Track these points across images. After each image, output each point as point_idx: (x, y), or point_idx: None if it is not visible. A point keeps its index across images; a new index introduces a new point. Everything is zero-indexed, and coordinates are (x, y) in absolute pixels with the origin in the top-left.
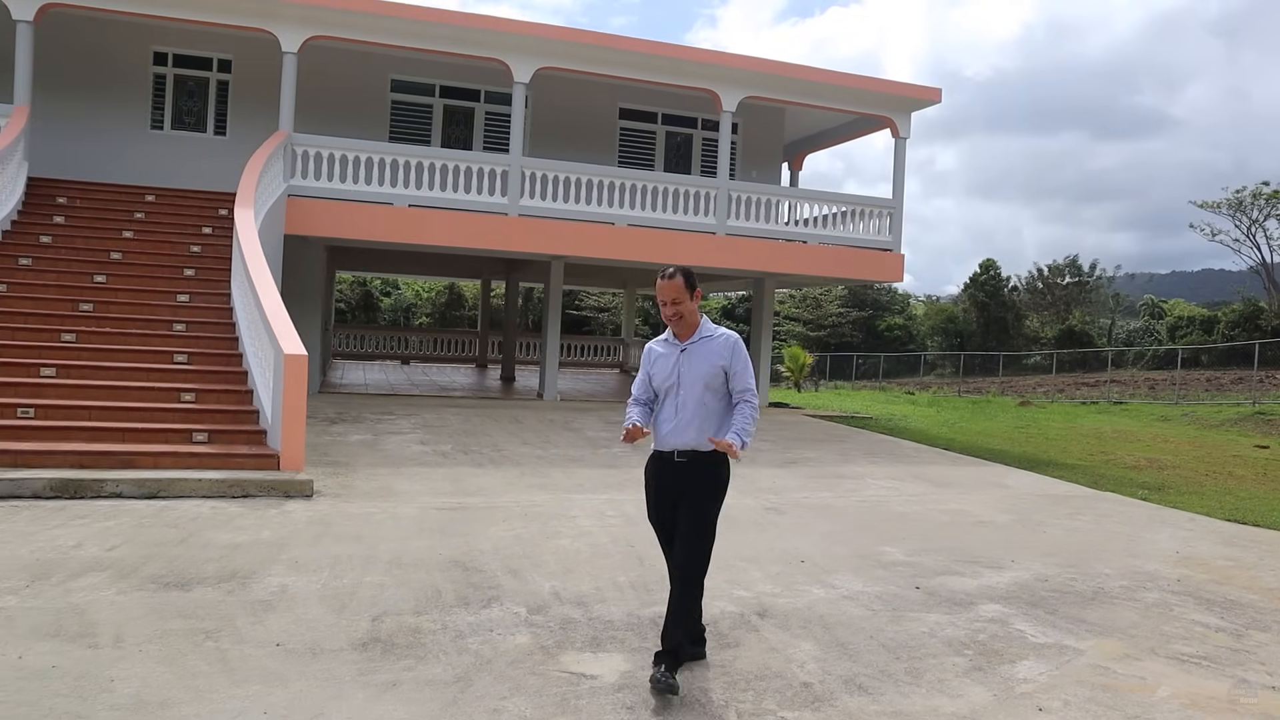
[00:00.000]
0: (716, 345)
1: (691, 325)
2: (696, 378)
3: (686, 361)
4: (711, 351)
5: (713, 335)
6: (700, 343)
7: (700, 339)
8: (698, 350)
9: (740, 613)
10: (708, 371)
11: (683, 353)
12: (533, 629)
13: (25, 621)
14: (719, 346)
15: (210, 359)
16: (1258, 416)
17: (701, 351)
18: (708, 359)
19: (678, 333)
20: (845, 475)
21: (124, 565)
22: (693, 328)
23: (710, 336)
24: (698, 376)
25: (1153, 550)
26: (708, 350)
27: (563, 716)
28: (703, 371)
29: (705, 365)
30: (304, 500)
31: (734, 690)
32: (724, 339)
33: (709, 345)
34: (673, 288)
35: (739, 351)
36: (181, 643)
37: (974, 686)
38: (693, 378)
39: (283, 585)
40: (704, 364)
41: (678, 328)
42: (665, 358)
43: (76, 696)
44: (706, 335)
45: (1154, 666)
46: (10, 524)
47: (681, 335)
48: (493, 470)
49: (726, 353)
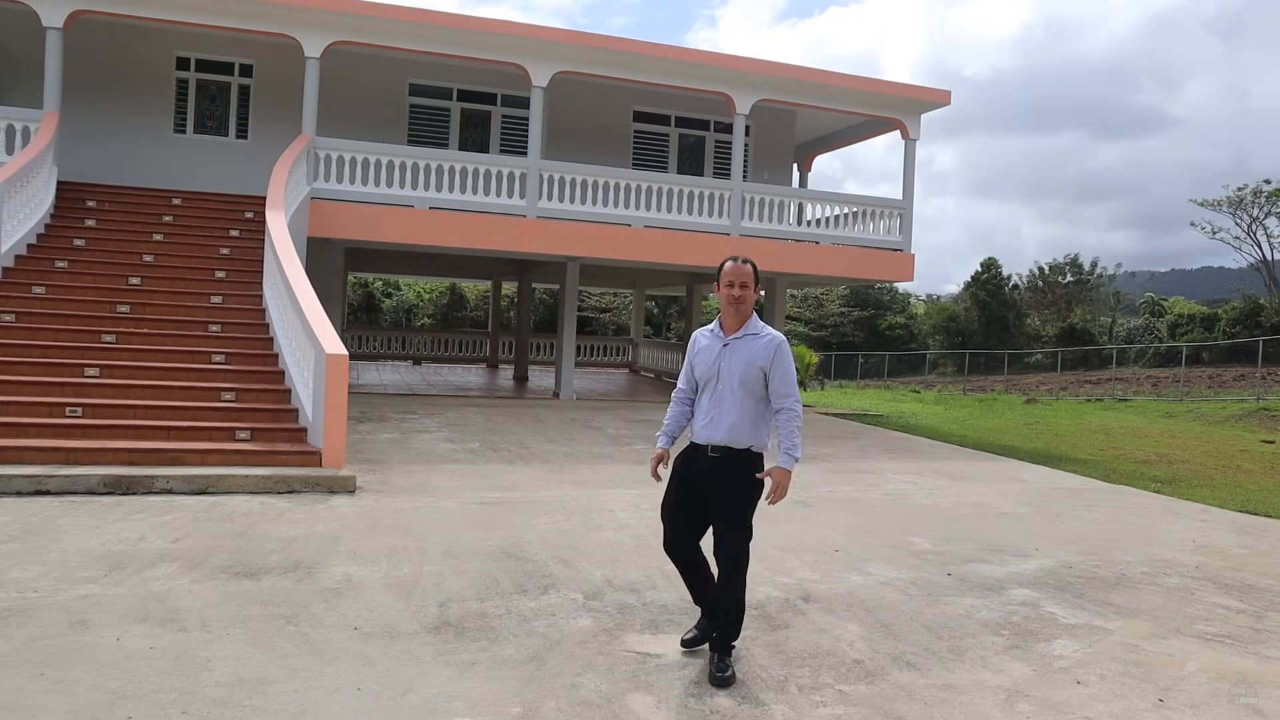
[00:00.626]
0: (760, 345)
1: (744, 317)
2: (735, 374)
3: (728, 356)
4: (753, 350)
5: (758, 334)
6: (745, 339)
7: (745, 335)
8: (740, 346)
9: (786, 598)
10: (747, 370)
11: (725, 347)
12: (592, 613)
13: (113, 607)
14: (762, 346)
15: (247, 359)
16: (1262, 412)
17: (744, 349)
18: (749, 357)
19: (728, 322)
20: (865, 470)
21: (191, 557)
22: (743, 320)
23: (755, 335)
24: (736, 373)
25: (1169, 539)
26: (750, 348)
27: (636, 691)
28: (741, 369)
29: (745, 363)
30: (348, 496)
31: (791, 666)
32: (768, 339)
33: (753, 344)
34: (742, 272)
35: (782, 354)
36: (264, 627)
37: (1014, 662)
38: (731, 374)
39: (347, 575)
40: (744, 362)
41: (731, 315)
42: (708, 350)
43: (180, 674)
44: (752, 333)
45: (1180, 645)
46: (73, 518)
47: (729, 328)
48: (523, 467)
49: (768, 354)
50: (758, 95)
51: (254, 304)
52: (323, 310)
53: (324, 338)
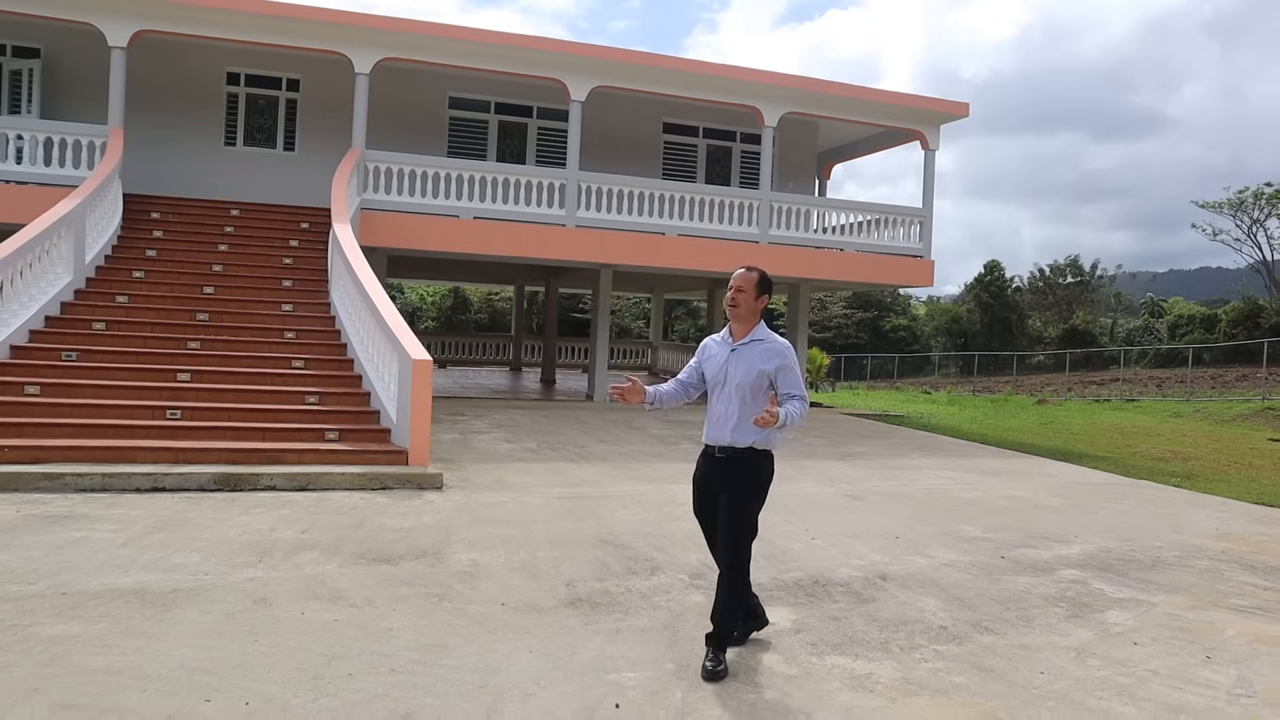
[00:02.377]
0: (764, 350)
1: (747, 324)
2: (740, 379)
3: (734, 362)
4: (758, 355)
5: (763, 340)
6: (750, 345)
7: (751, 341)
8: (746, 352)
9: (865, 576)
10: (751, 374)
11: (732, 352)
12: (701, 590)
13: (283, 588)
14: (765, 351)
15: (324, 364)
16: (1268, 411)
17: (749, 354)
18: (753, 362)
19: (734, 328)
20: (902, 467)
21: (325, 545)
22: (748, 326)
23: (761, 341)
24: (742, 377)
25: (1194, 528)
26: (755, 354)
27: (764, 652)
28: (746, 373)
29: (750, 368)
30: (437, 492)
31: (887, 631)
32: (772, 345)
33: (757, 349)
34: (741, 277)
35: (786, 359)
36: (422, 603)
37: (1076, 628)
38: (737, 378)
39: (473, 560)
40: (749, 367)
41: (733, 319)
42: (716, 357)
43: (372, 641)
44: (758, 339)
45: (1218, 615)
46: (200, 512)
47: (736, 334)
48: (585, 465)
49: (773, 359)
50: (785, 108)
51: (323, 311)
52: (401, 318)
53: (408, 344)
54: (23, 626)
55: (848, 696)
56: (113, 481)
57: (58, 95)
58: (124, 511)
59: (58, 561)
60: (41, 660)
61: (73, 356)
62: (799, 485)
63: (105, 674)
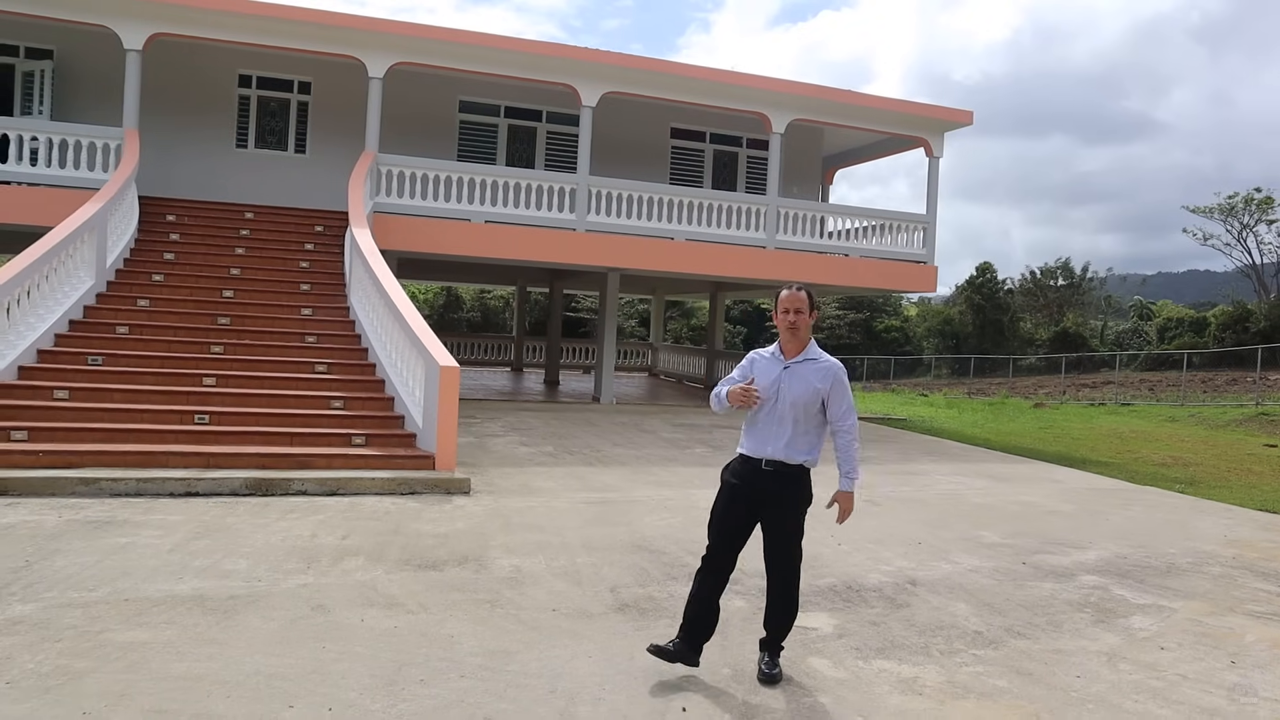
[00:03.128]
0: (818, 370)
1: (802, 342)
2: (795, 396)
3: (789, 379)
4: (813, 375)
5: (817, 359)
6: (805, 364)
7: (805, 359)
8: (800, 370)
9: (895, 582)
10: (806, 393)
11: (785, 369)
12: (741, 596)
13: (337, 594)
14: (821, 371)
15: (346, 368)
16: (1262, 417)
17: (804, 373)
18: (809, 381)
19: (787, 346)
20: (913, 472)
21: (368, 551)
22: (803, 345)
23: (815, 360)
24: (797, 396)
25: (1204, 534)
26: (810, 372)
27: (812, 656)
28: (801, 392)
29: (805, 387)
30: (465, 497)
31: (926, 636)
32: (827, 366)
33: (812, 368)
34: (797, 299)
35: (840, 381)
36: (475, 609)
37: (1104, 633)
38: (792, 396)
39: (515, 566)
40: (804, 386)
41: (789, 340)
42: (767, 373)
43: (436, 647)
44: (811, 358)
45: (1236, 620)
46: (238, 518)
47: (789, 352)
48: (603, 469)
49: (828, 380)
50: (793, 115)
51: (342, 315)
52: (426, 325)
53: (435, 351)
54: (95, 633)
55: (899, 699)
56: (147, 486)
57: (69, 97)
58: (163, 517)
59: (112, 568)
60: (121, 667)
61: (99, 361)
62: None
63: (186, 680)
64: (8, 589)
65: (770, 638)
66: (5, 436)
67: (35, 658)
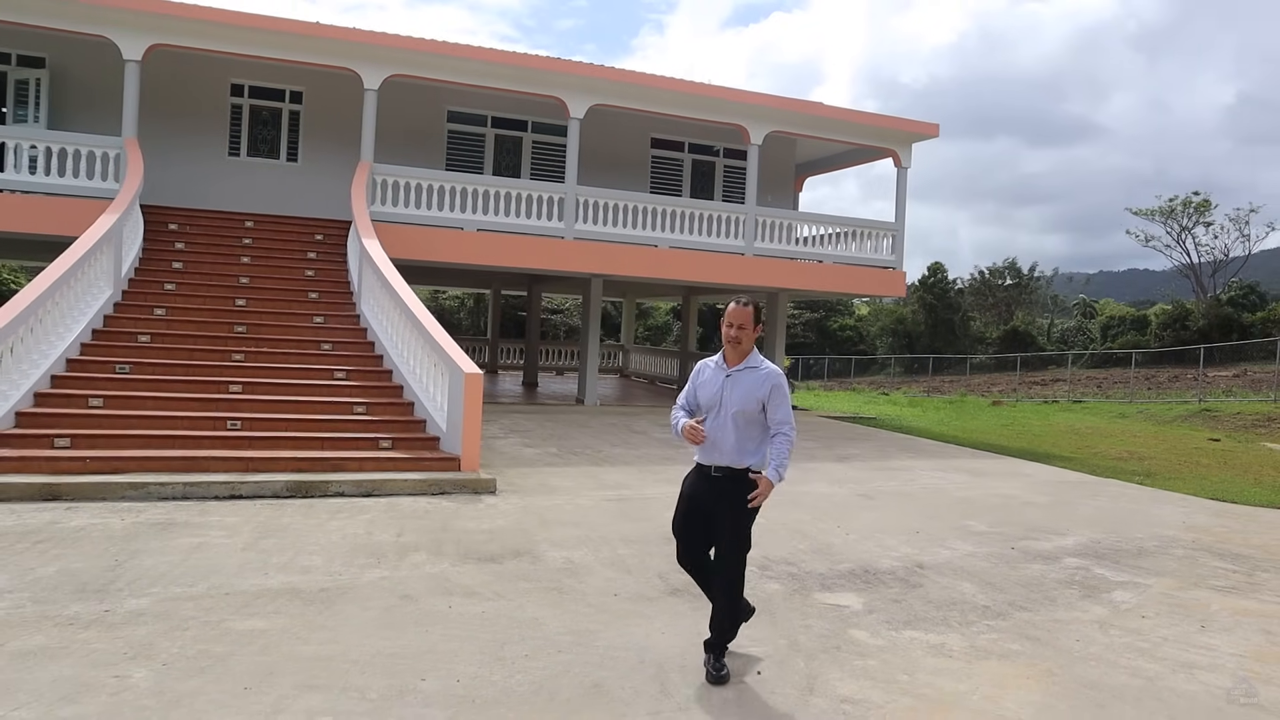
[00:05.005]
0: (758, 378)
1: (744, 353)
2: (736, 404)
3: (730, 387)
4: (753, 383)
5: (757, 368)
6: (745, 372)
7: (746, 368)
8: (741, 379)
9: (905, 566)
10: (746, 400)
11: (728, 378)
12: (775, 579)
13: (417, 586)
14: (760, 379)
15: (364, 375)
16: (1204, 413)
17: (744, 381)
18: (748, 389)
19: (730, 356)
20: (895, 468)
21: (427, 547)
22: (744, 355)
23: (755, 368)
24: (737, 403)
25: (1165, 521)
26: (750, 381)
27: (851, 629)
28: (742, 399)
29: (745, 394)
30: (493, 496)
31: (942, 610)
32: (766, 373)
33: (752, 376)
34: (744, 314)
35: (778, 387)
36: (546, 596)
37: (1092, 605)
38: (733, 403)
39: (566, 558)
40: (744, 393)
41: (732, 351)
42: (711, 381)
43: (526, 629)
44: (752, 366)
45: (1202, 594)
46: (290, 519)
47: (731, 361)
48: (610, 468)
49: (765, 387)
50: (771, 127)
51: (353, 323)
52: (446, 334)
53: (458, 359)
54: (215, 622)
55: (933, 661)
56: (193, 490)
57: (62, 104)
58: (220, 519)
59: (198, 566)
60: (254, 650)
61: (126, 369)
62: (813, 486)
63: (318, 660)
64: (113, 585)
65: (714, 639)
66: (49, 443)
67: (175, 644)
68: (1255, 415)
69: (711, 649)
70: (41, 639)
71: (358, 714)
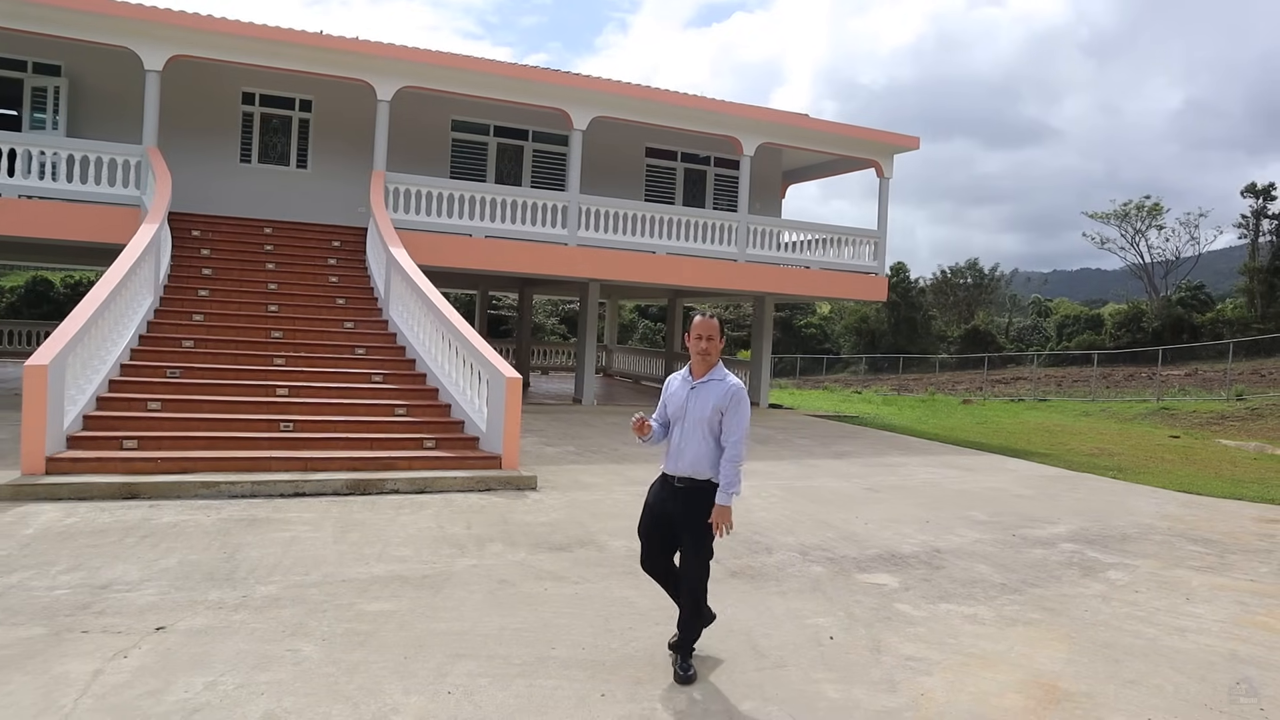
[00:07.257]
0: (720, 389)
1: (710, 365)
2: (699, 415)
3: (694, 399)
4: (715, 394)
5: (721, 380)
6: (709, 384)
7: (710, 380)
8: (705, 390)
9: (924, 550)
10: (708, 411)
11: (692, 390)
12: (816, 563)
13: (507, 572)
14: (721, 391)
15: (399, 379)
16: (1163, 411)
17: (708, 392)
18: (710, 400)
19: (696, 368)
20: (891, 464)
21: (499, 538)
22: (710, 367)
23: (719, 380)
24: (700, 414)
25: (1141, 511)
26: (712, 392)
27: (895, 603)
28: (704, 409)
29: (707, 405)
30: (536, 492)
31: (967, 587)
32: (728, 386)
33: (715, 388)
34: (710, 326)
35: (738, 400)
36: (624, 579)
37: (1092, 583)
38: (696, 414)
39: (627, 546)
40: (706, 404)
41: (699, 363)
42: (677, 394)
43: (619, 606)
44: (717, 379)
45: (1182, 573)
46: (361, 514)
47: (697, 373)
48: (631, 465)
49: (725, 399)
50: (762, 139)
51: (381, 328)
52: (483, 339)
53: (498, 363)
54: (346, 605)
55: (971, 627)
56: (260, 488)
57: (79, 112)
58: (297, 515)
59: (301, 557)
60: (394, 627)
61: (177, 373)
62: (823, 481)
63: (454, 634)
64: (236, 574)
65: (680, 640)
66: (118, 445)
67: (323, 624)
68: (1210, 413)
69: (678, 649)
70: (203, 620)
71: (511, 675)
